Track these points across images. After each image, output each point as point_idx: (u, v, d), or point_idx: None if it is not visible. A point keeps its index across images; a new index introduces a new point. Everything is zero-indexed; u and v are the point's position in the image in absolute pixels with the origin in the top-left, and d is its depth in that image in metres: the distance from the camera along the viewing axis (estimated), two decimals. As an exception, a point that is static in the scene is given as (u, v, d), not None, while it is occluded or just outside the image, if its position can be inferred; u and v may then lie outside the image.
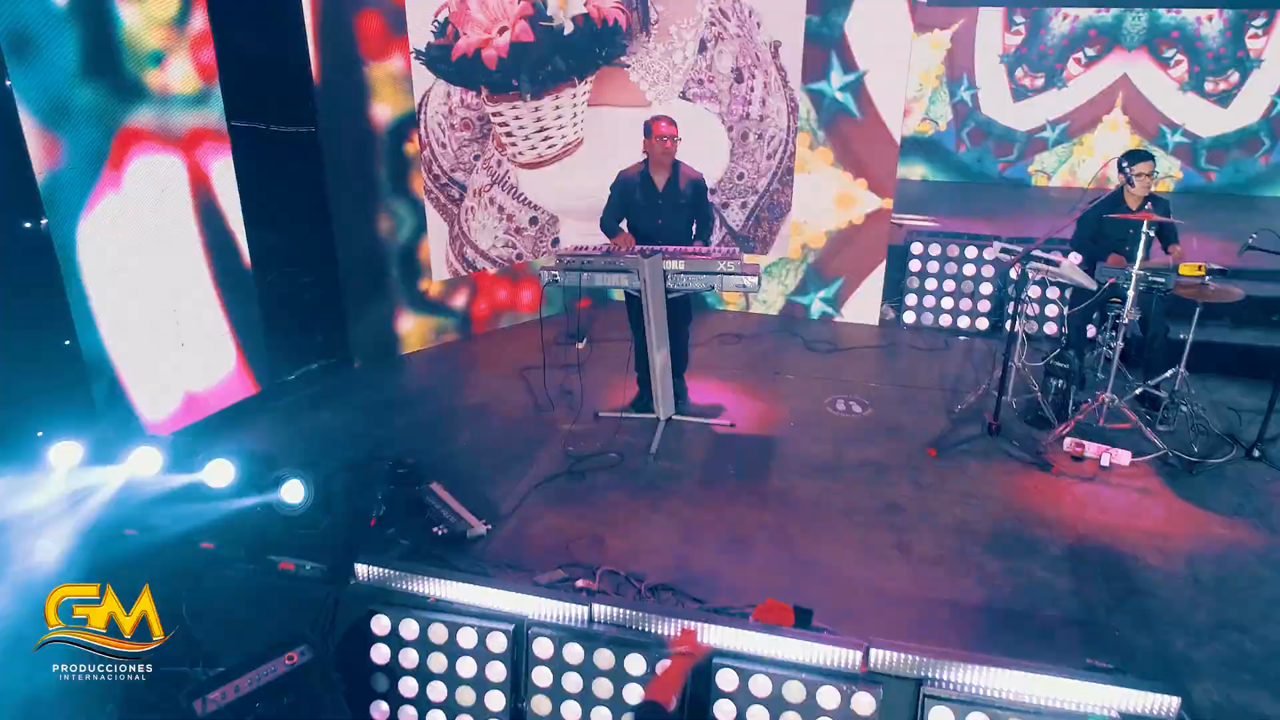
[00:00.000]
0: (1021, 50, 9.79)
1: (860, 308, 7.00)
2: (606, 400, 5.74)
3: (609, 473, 4.94)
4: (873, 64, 6.40)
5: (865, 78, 6.43)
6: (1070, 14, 9.53)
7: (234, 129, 5.20)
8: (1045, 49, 9.72)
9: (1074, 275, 4.95)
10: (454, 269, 6.49)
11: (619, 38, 6.58)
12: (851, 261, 6.92)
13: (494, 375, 6.16)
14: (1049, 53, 9.69)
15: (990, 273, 6.84)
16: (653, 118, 5.10)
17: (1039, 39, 9.73)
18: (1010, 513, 4.55)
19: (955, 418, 5.48)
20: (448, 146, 6.18)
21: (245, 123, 5.27)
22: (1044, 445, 5.08)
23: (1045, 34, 9.69)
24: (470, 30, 5.99)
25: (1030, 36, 9.69)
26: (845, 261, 6.93)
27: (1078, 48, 9.68)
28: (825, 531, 4.40)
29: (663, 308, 4.92)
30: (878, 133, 6.55)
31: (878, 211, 6.75)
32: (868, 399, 5.78)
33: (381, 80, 5.75)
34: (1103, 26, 9.50)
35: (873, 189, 6.71)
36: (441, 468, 4.93)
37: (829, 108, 6.58)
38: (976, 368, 6.25)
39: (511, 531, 4.42)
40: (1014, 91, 9.83)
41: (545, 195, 6.78)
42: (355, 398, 5.84)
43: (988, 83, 9.86)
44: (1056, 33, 9.66)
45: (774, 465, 5.01)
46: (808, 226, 6.92)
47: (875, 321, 7.01)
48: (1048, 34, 9.68)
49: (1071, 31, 9.64)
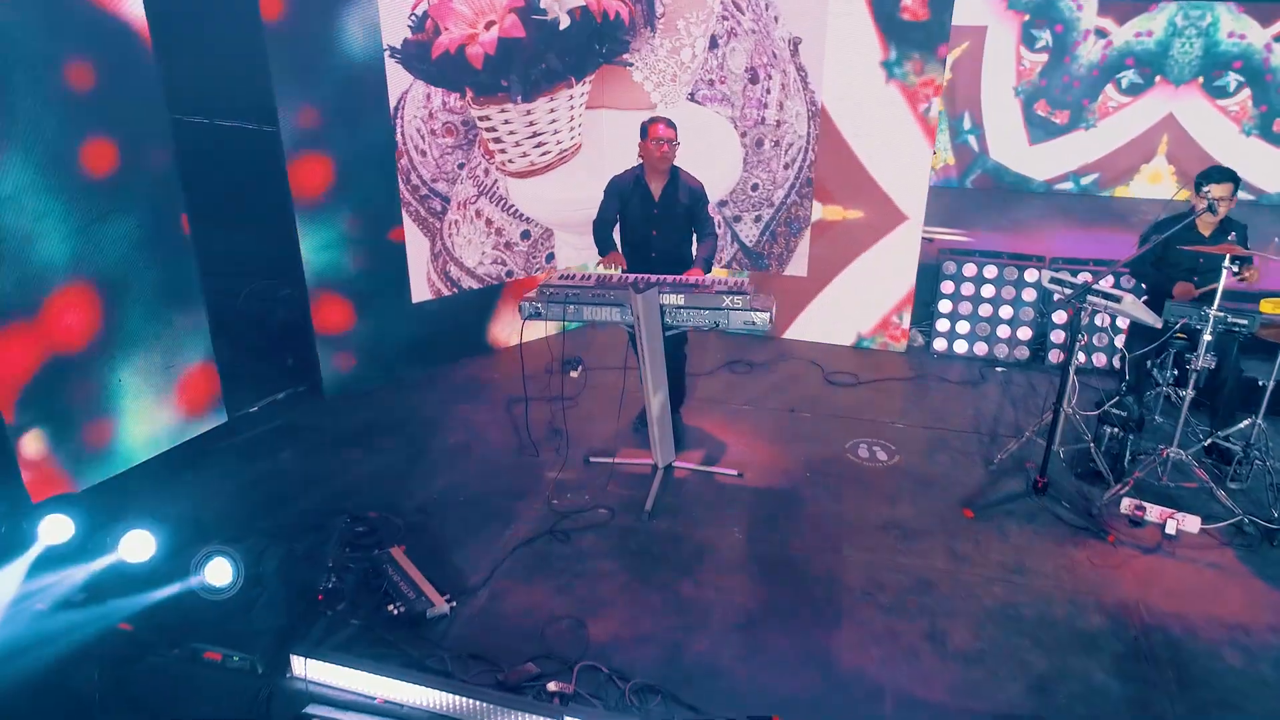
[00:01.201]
0: (1041, 82, 8.10)
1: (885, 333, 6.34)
2: (599, 436, 5.14)
3: (597, 533, 4.33)
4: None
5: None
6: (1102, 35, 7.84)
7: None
8: (1070, 80, 7.95)
9: (1138, 313, 4.27)
10: (436, 289, 5.89)
11: (621, 33, 5.94)
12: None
13: (478, 407, 5.56)
14: (1074, 85, 7.90)
15: (1031, 296, 6.16)
16: (650, 119, 4.50)
17: (1062, 67, 7.96)
18: (1062, 593, 3.90)
19: (994, 469, 4.83)
20: (428, 154, 5.57)
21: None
22: (1099, 507, 4.42)
23: (1070, 61, 7.91)
24: (452, 25, 5.37)
25: (1052, 64, 7.96)
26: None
27: (1111, 79, 7.97)
28: (845, 615, 3.77)
29: (659, 346, 4.29)
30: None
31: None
32: (893, 443, 5.13)
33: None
34: (1143, 54, 7.68)
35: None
36: (407, 524, 4.35)
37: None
38: (1016, 406, 5.58)
39: (480, 609, 3.82)
40: (1030, 132, 8.13)
41: (538, 207, 6.17)
42: (322, 433, 5.26)
43: (998, 120, 8.11)
44: (1084, 60, 7.86)
45: (786, 526, 4.38)
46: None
47: (902, 349, 6.35)
48: (1074, 61, 7.90)
49: (1103, 60, 7.81)
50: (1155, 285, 4.92)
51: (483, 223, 5.96)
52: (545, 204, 6.18)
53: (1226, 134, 7.72)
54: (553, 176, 6.13)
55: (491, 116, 5.73)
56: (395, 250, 5.61)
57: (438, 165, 5.64)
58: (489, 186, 5.92)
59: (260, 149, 5.19)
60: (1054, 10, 8.06)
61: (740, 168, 6.22)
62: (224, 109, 5.52)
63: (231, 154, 5.49)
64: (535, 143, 5.96)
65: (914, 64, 5.63)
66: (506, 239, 6.11)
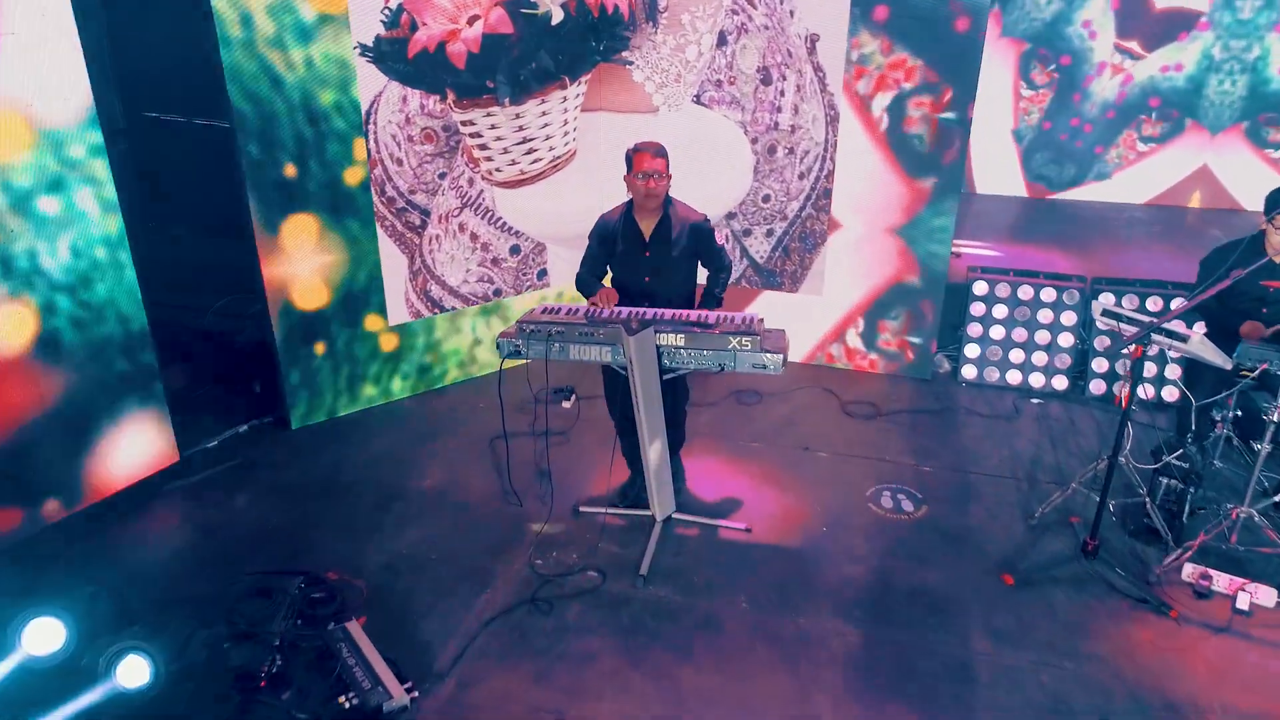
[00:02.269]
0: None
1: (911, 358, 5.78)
2: (591, 479, 4.62)
3: (585, 601, 3.81)
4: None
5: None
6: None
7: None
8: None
9: (1207, 355, 3.71)
10: (415, 310, 5.37)
11: (620, 28, 5.39)
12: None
13: (459, 444, 5.04)
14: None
15: (1070, 320, 5.59)
16: (635, 146, 3.89)
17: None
18: (1121, 685, 3.35)
19: (1035, 524, 4.28)
20: (405, 163, 5.04)
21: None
22: (1158, 574, 3.88)
23: (1081, 100, 6.73)
24: (431, 19, 4.83)
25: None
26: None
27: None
28: (869, 711, 3.24)
29: (655, 391, 3.76)
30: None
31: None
32: (920, 491, 4.58)
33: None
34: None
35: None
36: (370, 588, 3.84)
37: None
38: (1056, 446, 5.03)
39: (445, 700, 3.31)
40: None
41: (529, 219, 5.63)
42: (284, 474, 4.75)
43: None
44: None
45: (800, 595, 3.84)
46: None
47: (926, 375, 5.79)
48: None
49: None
50: (1217, 318, 4.36)
51: (467, 237, 5.43)
52: (537, 216, 5.64)
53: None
54: (545, 186, 5.59)
55: (476, 121, 5.19)
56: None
57: (416, 175, 5.10)
58: (474, 198, 5.38)
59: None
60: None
61: (750, 177, 5.66)
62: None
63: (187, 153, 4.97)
64: (525, 149, 5.42)
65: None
66: (494, 255, 5.57)
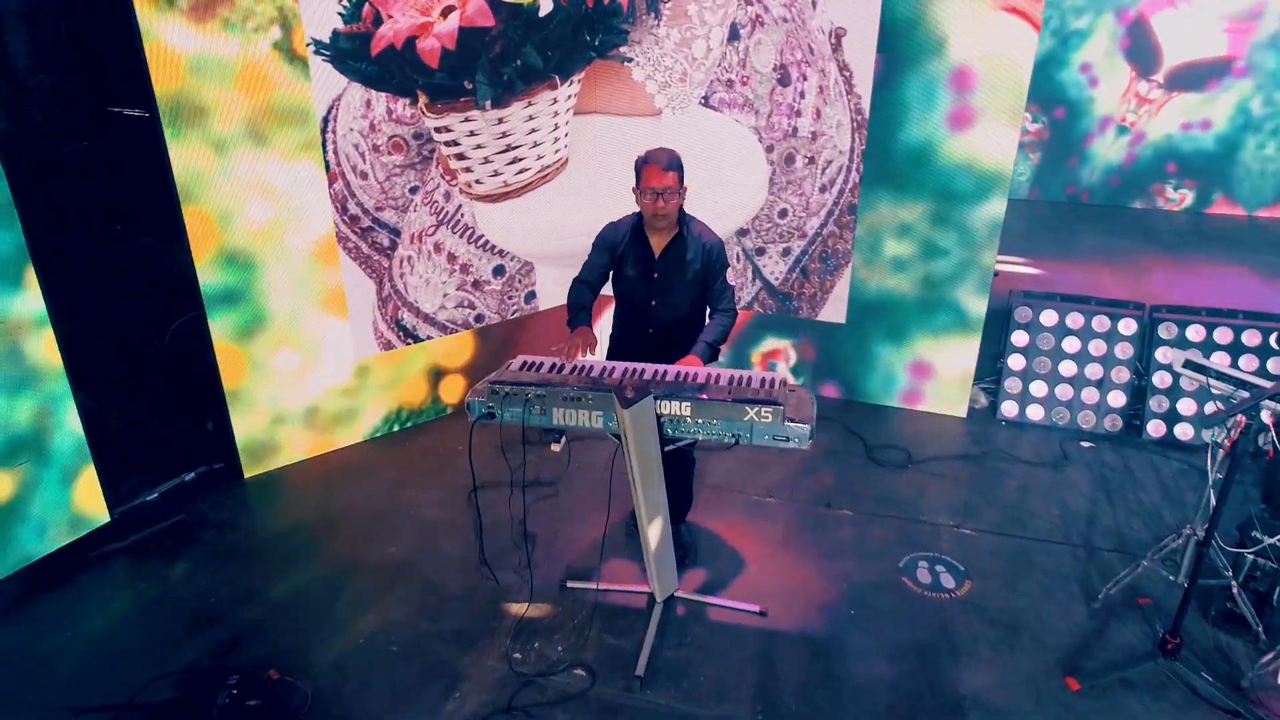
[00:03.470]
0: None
1: (943, 392, 5.15)
2: (582, 543, 4.01)
3: (570, 710, 3.20)
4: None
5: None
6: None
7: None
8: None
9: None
10: (385, 340, 4.75)
11: (617, 20, 4.74)
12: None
13: (433, 496, 4.44)
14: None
15: (1126, 353, 4.95)
16: (644, 157, 3.32)
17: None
18: (1221, 836, 2.75)
19: (1099, 607, 3.66)
20: (370, 176, 4.41)
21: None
22: (1250, 678, 3.26)
23: (1078, 163, 5.81)
24: (398, 12, 4.18)
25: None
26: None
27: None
28: None
29: (655, 466, 3.13)
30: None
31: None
32: (961, 561, 3.96)
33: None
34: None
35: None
36: (315, 691, 3.24)
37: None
38: (1113, 500, 4.40)
39: None
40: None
41: (514, 236, 5.00)
42: (229, 535, 4.15)
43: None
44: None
45: (825, 702, 3.23)
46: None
47: (963, 412, 5.16)
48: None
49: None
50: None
51: (443, 258, 4.80)
52: (523, 233, 5.01)
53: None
54: (532, 199, 4.96)
55: (453, 127, 4.55)
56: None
57: (383, 190, 4.47)
58: (451, 214, 4.75)
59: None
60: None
61: (765, 189, 5.02)
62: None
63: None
64: (509, 158, 4.78)
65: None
66: (475, 277, 4.95)
